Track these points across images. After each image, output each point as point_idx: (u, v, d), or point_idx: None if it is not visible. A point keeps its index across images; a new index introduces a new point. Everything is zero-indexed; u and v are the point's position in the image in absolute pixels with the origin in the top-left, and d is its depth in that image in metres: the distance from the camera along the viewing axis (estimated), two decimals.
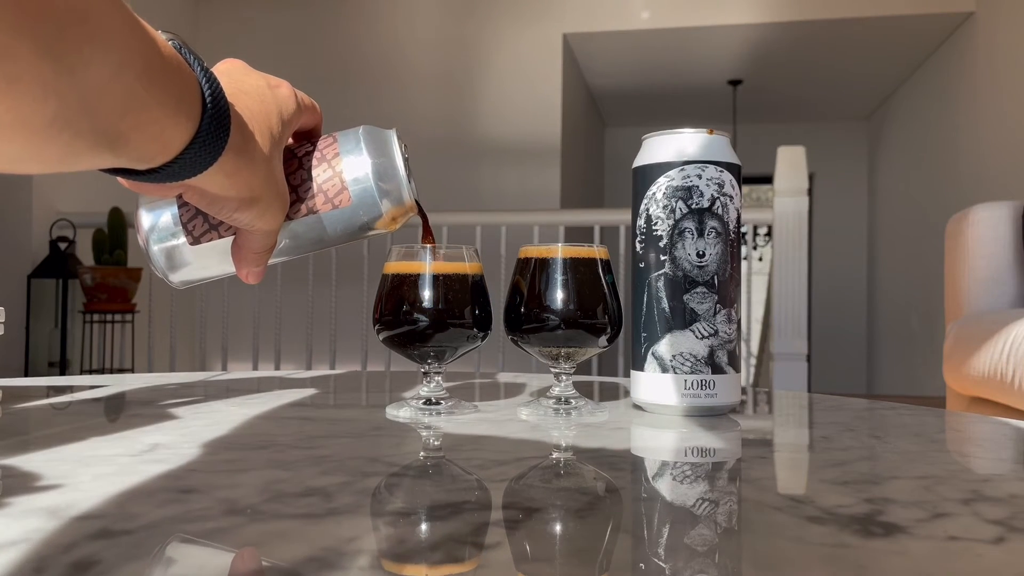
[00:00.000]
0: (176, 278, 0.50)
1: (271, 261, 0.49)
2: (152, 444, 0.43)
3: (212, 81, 0.35)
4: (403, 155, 0.52)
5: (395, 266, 0.56)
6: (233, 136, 0.37)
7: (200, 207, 0.41)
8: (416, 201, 0.54)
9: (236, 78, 0.45)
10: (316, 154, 0.49)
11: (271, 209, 0.43)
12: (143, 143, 0.32)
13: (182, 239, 0.48)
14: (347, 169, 0.50)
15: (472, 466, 0.40)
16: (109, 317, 2.75)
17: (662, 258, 0.56)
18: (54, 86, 0.26)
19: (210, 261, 0.49)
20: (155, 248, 0.49)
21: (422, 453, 0.44)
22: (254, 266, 0.47)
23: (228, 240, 0.48)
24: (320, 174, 0.50)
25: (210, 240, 0.48)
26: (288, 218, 0.49)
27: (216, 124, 0.35)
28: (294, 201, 0.49)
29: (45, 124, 0.26)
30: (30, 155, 0.28)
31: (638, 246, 0.58)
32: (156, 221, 0.49)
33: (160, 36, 0.32)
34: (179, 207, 0.48)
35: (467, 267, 0.56)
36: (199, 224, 0.48)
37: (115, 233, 2.71)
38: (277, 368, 2.88)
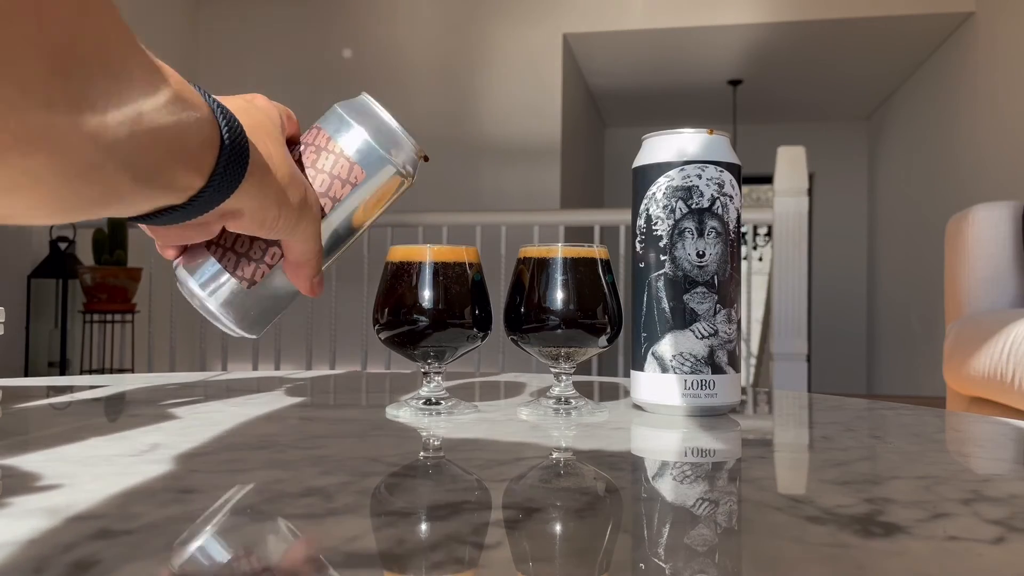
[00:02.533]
0: (253, 330, 0.51)
1: (323, 265, 0.50)
2: (152, 444, 0.43)
3: (214, 100, 0.36)
4: (384, 109, 0.52)
5: (396, 253, 0.56)
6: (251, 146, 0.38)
7: (248, 231, 0.42)
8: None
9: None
10: (310, 149, 0.50)
11: (306, 206, 0.44)
12: (178, 172, 0.33)
13: (238, 287, 0.49)
14: (346, 146, 0.50)
15: (472, 466, 0.40)
16: (109, 317, 2.75)
17: (662, 258, 0.56)
18: (91, 131, 0.26)
19: (273, 293, 0.50)
20: (217, 308, 0.49)
21: (422, 453, 0.44)
22: (314, 275, 0.48)
23: (279, 267, 0.49)
24: (325, 163, 0.50)
25: (263, 274, 0.49)
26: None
27: (236, 135, 0.36)
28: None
29: (86, 168, 0.27)
30: (71, 203, 0.28)
31: (638, 246, 0.58)
32: (204, 280, 0.49)
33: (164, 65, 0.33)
34: (219, 261, 0.48)
35: (465, 254, 0.56)
36: (246, 266, 0.49)
37: (115, 233, 2.71)
38: (277, 368, 2.88)
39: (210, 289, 0.49)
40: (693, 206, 0.56)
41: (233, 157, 0.36)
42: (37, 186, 0.26)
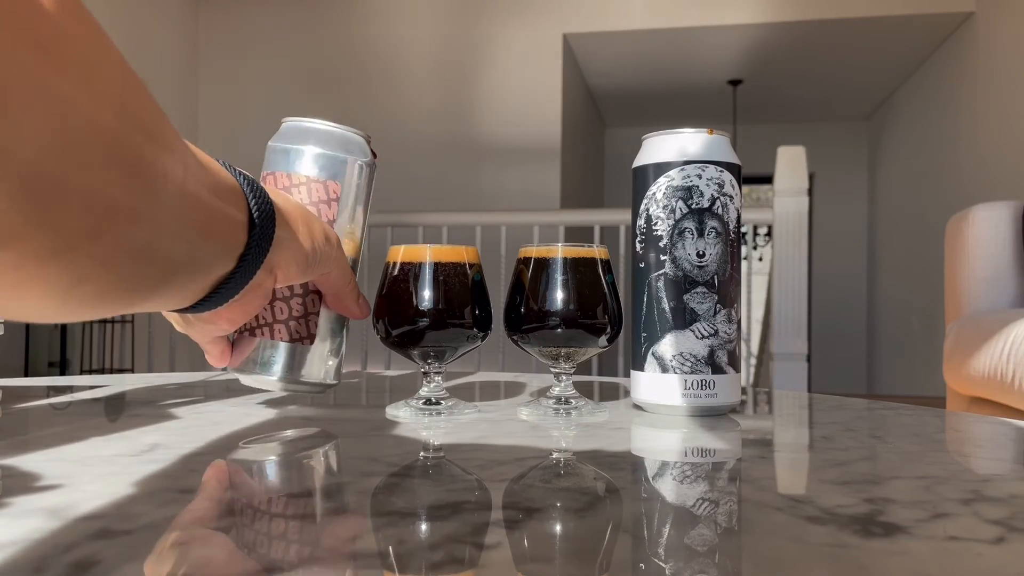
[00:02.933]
0: (339, 376, 0.53)
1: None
2: (152, 444, 0.43)
3: (229, 165, 0.38)
4: (309, 119, 0.54)
5: (396, 253, 0.57)
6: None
7: (292, 279, 0.43)
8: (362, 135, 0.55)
9: None
10: (280, 196, 0.49)
11: (328, 236, 0.46)
12: (224, 228, 0.34)
13: (304, 349, 0.51)
14: (307, 170, 0.52)
15: (472, 466, 0.40)
16: (109, 317, 2.75)
17: (662, 258, 0.56)
18: (148, 210, 0.27)
19: (332, 334, 0.52)
20: (302, 378, 0.51)
21: (422, 453, 0.44)
22: (357, 297, 0.51)
23: (323, 309, 0.52)
24: (303, 197, 0.52)
25: (316, 324, 0.51)
26: None
27: (256, 185, 0.38)
28: None
29: (147, 244, 0.27)
30: (132, 284, 0.28)
31: (638, 246, 0.58)
32: (276, 363, 0.51)
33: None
34: (273, 338, 0.50)
35: (465, 254, 0.56)
36: (299, 327, 0.51)
37: None
38: None
39: (284, 367, 0.51)
40: (693, 206, 0.56)
41: (262, 203, 0.37)
42: (105, 273, 0.26)
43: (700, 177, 0.56)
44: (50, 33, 0.21)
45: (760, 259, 6.79)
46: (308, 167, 0.52)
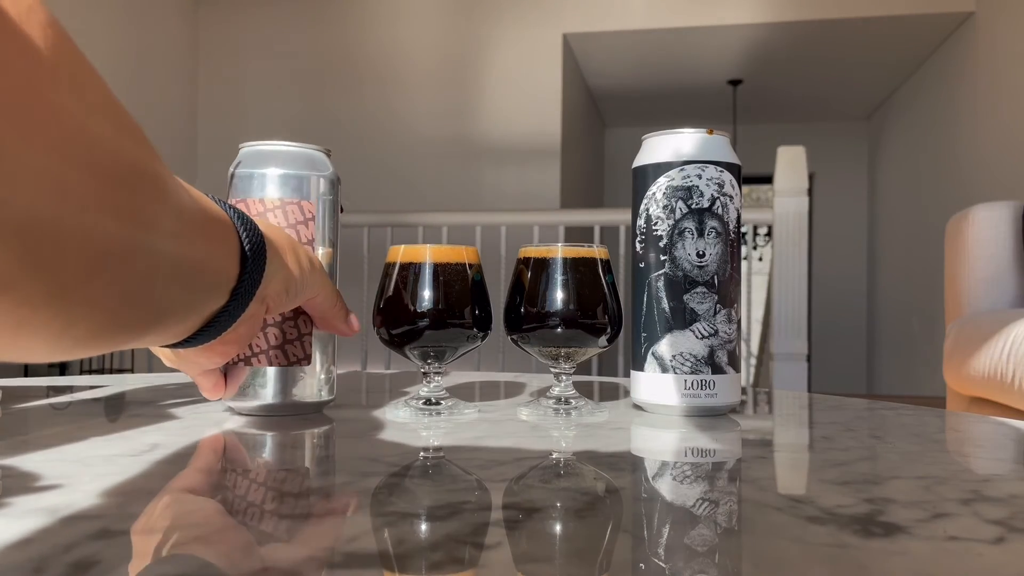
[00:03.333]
0: (330, 393, 0.56)
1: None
2: (152, 444, 0.43)
3: (218, 199, 0.38)
4: (267, 142, 0.55)
5: (396, 253, 0.57)
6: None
7: (283, 306, 0.44)
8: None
9: None
10: (265, 224, 0.50)
11: (312, 259, 0.47)
12: (217, 263, 0.34)
13: (303, 371, 0.53)
14: (279, 193, 0.53)
15: (472, 466, 0.40)
16: None
17: (662, 258, 0.56)
18: (142, 251, 0.27)
19: (323, 352, 0.54)
20: (303, 399, 0.53)
21: (422, 453, 0.44)
22: (346, 315, 0.52)
23: (314, 330, 0.53)
24: (280, 221, 0.53)
25: (312, 343, 0.53)
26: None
27: (245, 216, 0.38)
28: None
29: (141, 282, 0.27)
30: (126, 323, 0.28)
31: (638, 246, 0.58)
32: (276, 389, 0.53)
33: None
34: (272, 364, 0.52)
35: (465, 254, 0.56)
36: (294, 349, 0.53)
37: None
38: None
39: (280, 391, 0.53)
40: (693, 206, 0.56)
41: (253, 236, 0.38)
42: (98, 315, 0.26)
43: (700, 177, 0.56)
44: (47, 77, 0.21)
45: (760, 259, 6.79)
46: (279, 190, 0.53)
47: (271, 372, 0.52)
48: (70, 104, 0.22)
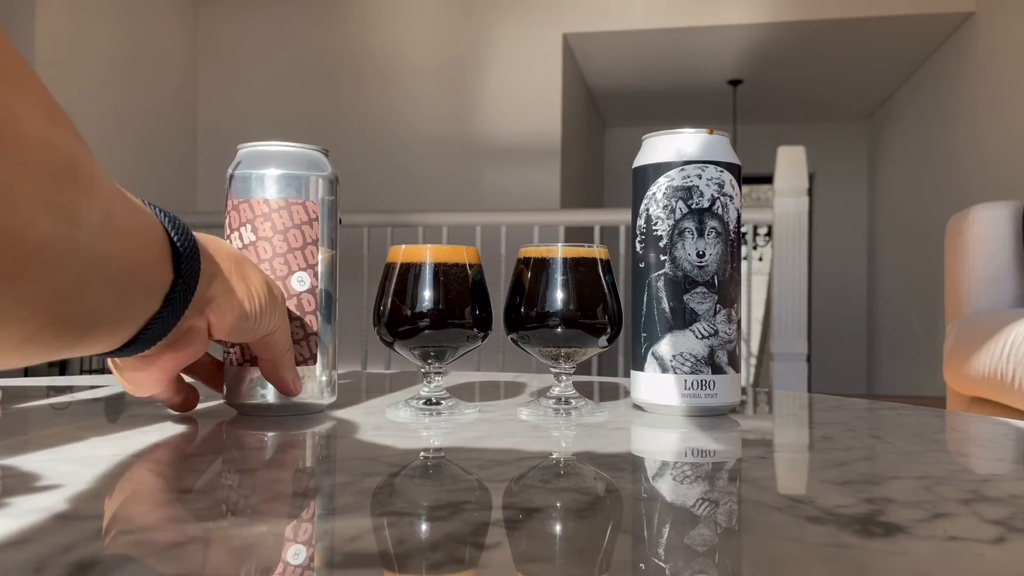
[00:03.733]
0: (332, 394, 0.56)
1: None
2: (152, 444, 0.43)
3: (151, 204, 0.37)
4: (265, 143, 0.55)
5: (396, 253, 0.57)
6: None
7: (236, 325, 0.43)
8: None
9: None
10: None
11: (275, 294, 0.46)
12: (148, 269, 0.34)
13: (305, 371, 0.53)
14: (282, 194, 0.53)
15: (472, 466, 0.40)
16: None
17: (662, 258, 0.56)
18: (73, 249, 0.26)
19: (326, 355, 0.54)
20: (306, 399, 0.53)
21: (422, 453, 0.44)
22: (292, 369, 0.51)
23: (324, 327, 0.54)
24: (285, 222, 0.53)
25: (318, 343, 0.54)
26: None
27: (178, 222, 0.37)
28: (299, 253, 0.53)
29: (72, 284, 0.27)
30: (59, 328, 0.28)
31: (638, 246, 0.58)
32: (269, 389, 0.52)
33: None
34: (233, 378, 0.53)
35: (465, 254, 0.56)
36: (300, 348, 0.53)
37: None
38: None
39: (280, 394, 0.52)
40: (693, 206, 0.56)
41: (185, 241, 0.37)
42: (29, 315, 0.25)
43: (700, 177, 0.56)
44: None
45: (760, 259, 6.79)
46: (278, 190, 0.52)
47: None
48: (2, 96, 0.22)
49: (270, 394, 0.52)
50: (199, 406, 0.55)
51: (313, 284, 0.53)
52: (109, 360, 0.41)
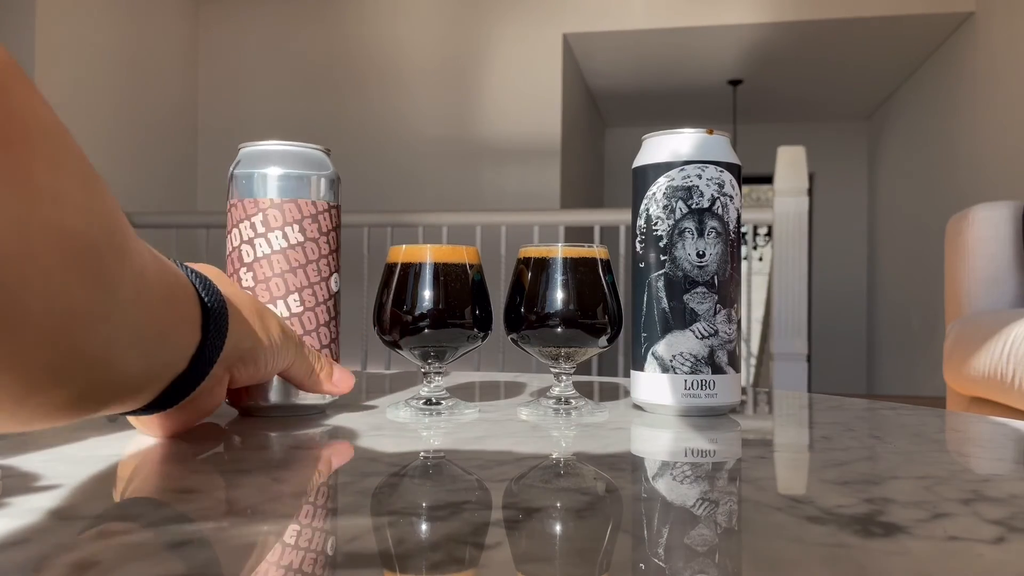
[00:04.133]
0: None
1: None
2: (152, 444, 0.43)
3: (173, 259, 0.37)
4: (265, 142, 0.55)
5: (396, 253, 0.57)
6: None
7: (256, 375, 0.44)
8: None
9: None
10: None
11: (288, 334, 0.46)
12: (177, 330, 0.34)
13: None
14: (290, 194, 0.53)
15: (472, 466, 0.40)
16: None
17: (662, 258, 0.56)
18: (106, 315, 0.26)
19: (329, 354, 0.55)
20: (305, 399, 0.53)
21: (422, 453, 0.44)
22: (331, 375, 0.51)
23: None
24: (296, 232, 0.53)
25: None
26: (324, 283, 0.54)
27: (208, 283, 0.37)
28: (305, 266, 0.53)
29: (103, 351, 0.27)
30: (90, 396, 0.28)
31: (638, 246, 0.58)
32: (268, 389, 0.52)
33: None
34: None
35: (465, 254, 0.56)
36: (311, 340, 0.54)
37: None
38: None
39: (287, 391, 0.53)
40: (693, 206, 0.56)
41: (215, 301, 0.37)
42: (57, 382, 0.25)
43: (700, 177, 0.56)
44: (18, 133, 0.20)
45: (760, 259, 6.79)
46: (279, 190, 0.53)
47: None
48: (40, 159, 0.21)
49: (273, 394, 0.52)
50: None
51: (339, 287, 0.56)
52: None
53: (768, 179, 2.93)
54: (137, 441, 0.44)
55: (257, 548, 0.27)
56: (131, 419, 0.42)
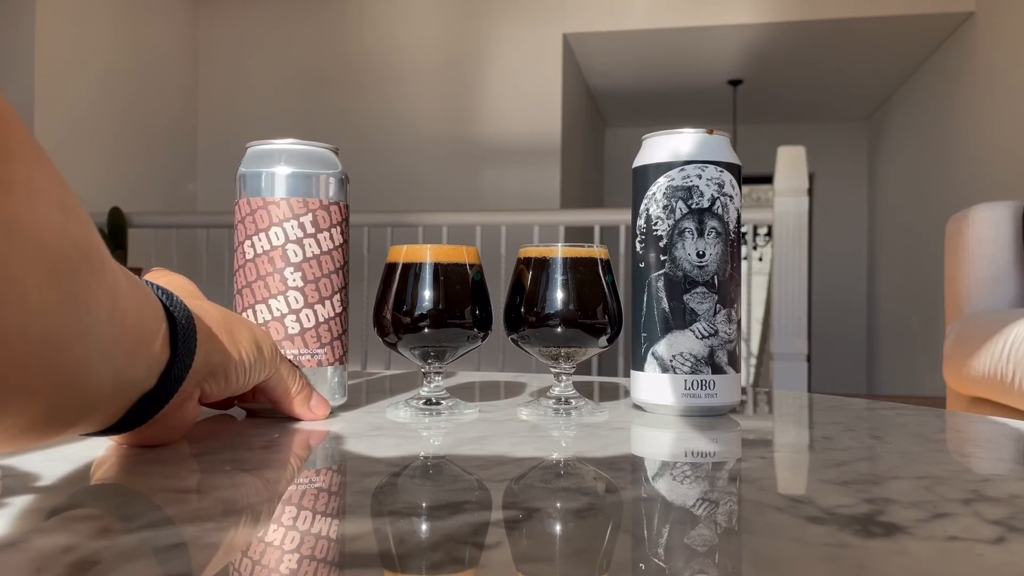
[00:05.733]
0: (343, 395, 0.56)
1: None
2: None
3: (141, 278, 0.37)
4: (271, 141, 0.55)
5: (396, 253, 0.57)
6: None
7: (228, 389, 0.43)
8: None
9: None
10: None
11: (263, 348, 0.45)
12: (147, 348, 0.33)
13: (316, 372, 0.53)
14: (298, 193, 0.53)
15: (472, 466, 0.40)
16: None
17: (662, 258, 0.56)
18: (80, 336, 0.26)
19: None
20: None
21: (422, 453, 0.44)
22: (308, 399, 0.50)
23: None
24: (300, 231, 0.53)
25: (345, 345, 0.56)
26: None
27: (175, 300, 0.37)
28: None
29: (76, 368, 0.26)
30: (59, 414, 0.27)
31: (638, 246, 0.58)
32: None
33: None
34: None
35: (465, 254, 0.56)
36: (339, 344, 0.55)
37: (115, 233, 2.71)
38: None
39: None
40: (693, 206, 0.56)
41: (183, 318, 0.36)
42: (29, 400, 0.25)
43: (700, 177, 0.56)
44: None
45: (760, 259, 6.79)
46: (288, 189, 0.53)
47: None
48: (18, 184, 0.21)
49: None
50: (212, 409, 0.55)
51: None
52: None
53: (768, 179, 2.93)
54: None
55: (257, 548, 0.27)
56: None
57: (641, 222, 0.58)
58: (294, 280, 0.52)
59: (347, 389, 0.57)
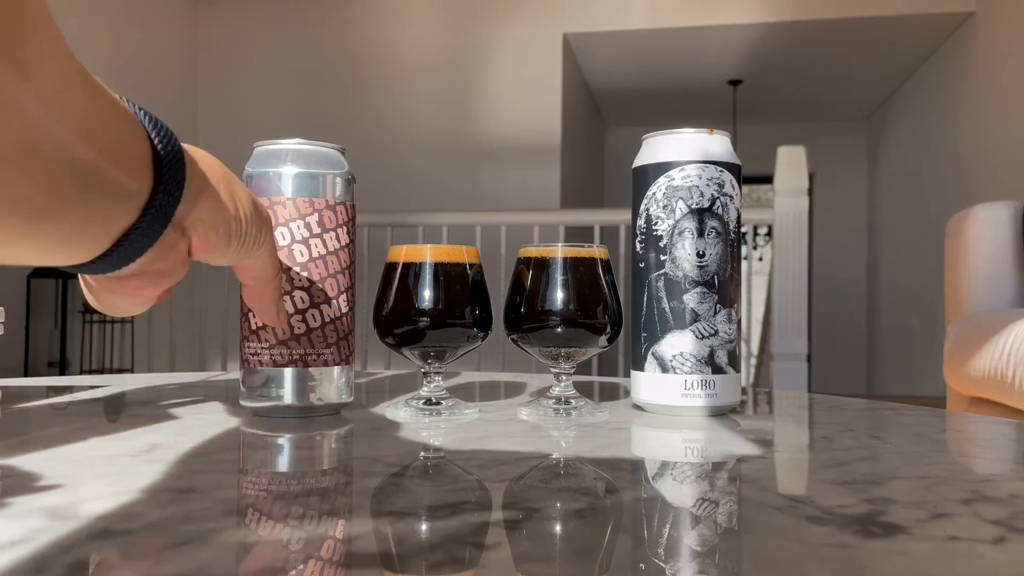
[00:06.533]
0: (349, 394, 0.56)
1: None
2: (152, 444, 0.43)
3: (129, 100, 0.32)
4: (278, 141, 0.54)
5: (397, 253, 0.57)
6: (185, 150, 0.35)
7: (221, 247, 0.38)
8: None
9: None
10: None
11: (262, 215, 0.41)
12: (120, 173, 0.29)
13: (323, 371, 0.53)
14: (306, 192, 0.53)
15: (472, 466, 0.40)
16: (109, 317, 2.75)
17: (662, 258, 0.56)
18: (13, 98, 0.22)
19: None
20: (325, 399, 0.53)
21: (422, 453, 0.44)
22: (279, 299, 0.46)
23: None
24: (307, 229, 0.53)
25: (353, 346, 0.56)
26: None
27: (164, 130, 0.32)
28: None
29: (14, 149, 0.23)
30: (11, 213, 0.24)
31: (638, 246, 0.58)
32: (291, 393, 0.53)
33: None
34: (308, 367, 0.53)
35: (465, 254, 0.56)
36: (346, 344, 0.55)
37: None
38: None
39: (303, 392, 0.53)
40: (693, 206, 0.56)
41: (168, 144, 0.32)
42: None
43: (700, 177, 0.56)
44: None
45: (760, 259, 6.79)
46: (295, 189, 0.52)
47: (289, 373, 0.52)
48: None
49: (287, 395, 0.52)
50: (212, 409, 0.55)
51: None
52: (81, 279, 0.36)
53: (768, 179, 2.93)
54: (137, 442, 0.44)
55: (257, 548, 0.27)
56: (87, 294, 0.37)
57: (641, 222, 0.58)
58: (300, 280, 0.52)
59: (353, 389, 0.57)
